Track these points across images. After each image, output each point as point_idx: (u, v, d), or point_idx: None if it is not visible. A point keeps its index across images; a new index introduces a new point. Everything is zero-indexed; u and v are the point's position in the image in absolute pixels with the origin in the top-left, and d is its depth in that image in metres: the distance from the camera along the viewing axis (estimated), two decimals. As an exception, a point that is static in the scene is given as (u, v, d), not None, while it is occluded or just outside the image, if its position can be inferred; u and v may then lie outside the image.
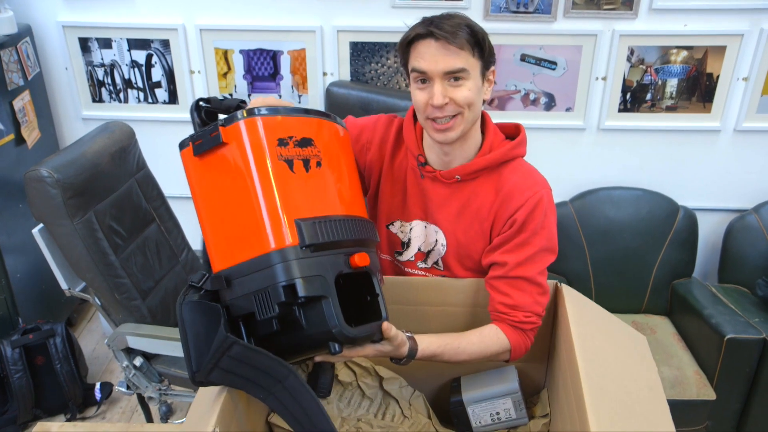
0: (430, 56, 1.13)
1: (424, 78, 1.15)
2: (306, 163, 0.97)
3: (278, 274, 0.88)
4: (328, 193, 1.01)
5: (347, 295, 0.95)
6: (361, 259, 0.97)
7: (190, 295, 0.95)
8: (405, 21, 1.20)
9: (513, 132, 1.32)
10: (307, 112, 1.02)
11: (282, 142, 0.95)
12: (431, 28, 1.12)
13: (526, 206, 1.20)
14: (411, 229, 1.33)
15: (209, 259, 0.99)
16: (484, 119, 1.30)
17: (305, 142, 0.98)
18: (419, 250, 1.33)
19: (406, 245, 1.34)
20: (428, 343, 1.13)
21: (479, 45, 1.15)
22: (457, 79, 1.14)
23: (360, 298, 1.03)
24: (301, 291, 0.88)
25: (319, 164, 0.99)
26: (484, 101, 1.23)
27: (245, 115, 0.94)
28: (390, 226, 1.35)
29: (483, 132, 1.29)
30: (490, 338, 1.18)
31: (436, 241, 1.31)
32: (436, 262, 1.32)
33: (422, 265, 1.34)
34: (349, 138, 1.13)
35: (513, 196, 1.22)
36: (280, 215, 0.91)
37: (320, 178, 0.99)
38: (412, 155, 1.30)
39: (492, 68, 1.21)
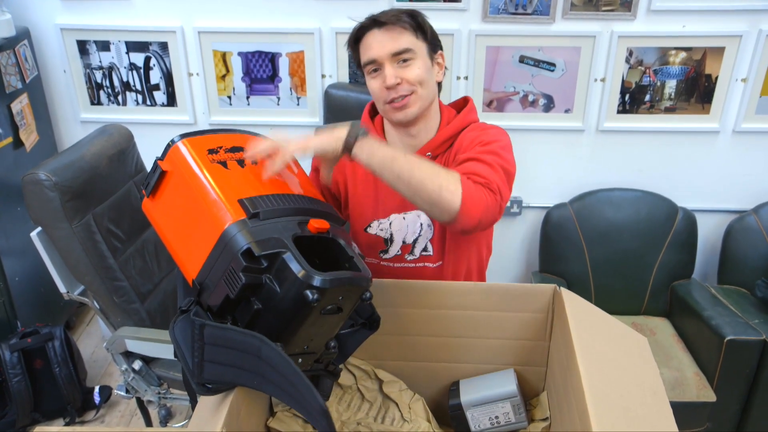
0: (376, 44, 1.22)
1: (376, 67, 1.24)
2: (240, 162, 1.06)
3: (234, 246, 0.92)
4: (269, 179, 1.07)
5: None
6: (318, 223, 1.00)
7: (180, 318, 0.97)
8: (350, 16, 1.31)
9: (462, 104, 1.39)
10: (231, 130, 1.14)
11: (212, 151, 1.05)
12: (374, 19, 1.22)
13: (474, 135, 1.28)
14: (390, 224, 1.35)
15: (185, 277, 1.03)
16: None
17: (235, 149, 1.08)
18: (404, 242, 1.35)
19: (389, 242, 1.36)
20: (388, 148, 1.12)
21: (421, 28, 1.24)
22: (405, 60, 1.22)
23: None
24: (257, 251, 0.90)
25: (254, 162, 1.07)
26: (439, 85, 1.32)
27: (172, 143, 1.06)
28: (368, 229, 1.37)
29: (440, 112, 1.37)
30: (443, 169, 1.12)
31: (421, 225, 1.33)
32: (425, 248, 1.35)
33: (410, 258, 1.36)
34: None
35: (464, 139, 1.29)
36: (223, 200, 0.97)
37: (258, 171, 1.07)
38: None
39: (440, 52, 1.30)
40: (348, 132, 1.08)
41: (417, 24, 1.23)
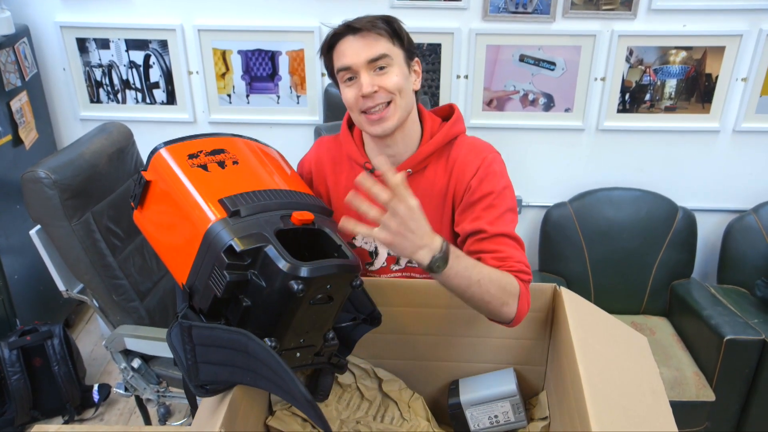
0: (351, 51, 1.17)
1: (351, 75, 1.18)
2: (221, 163, 1.06)
3: (216, 244, 0.92)
4: (251, 177, 1.07)
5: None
6: (302, 215, 1.00)
7: (175, 325, 0.97)
8: (323, 22, 1.25)
9: (447, 113, 1.34)
10: (213, 134, 1.14)
11: (192, 156, 1.06)
12: (348, 25, 1.17)
13: (479, 172, 1.23)
14: None
15: (177, 283, 1.03)
16: (419, 110, 1.32)
17: (216, 152, 1.08)
18: (389, 254, 1.33)
19: (374, 254, 1.34)
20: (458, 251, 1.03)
21: (398, 35, 1.19)
22: (382, 67, 1.17)
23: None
24: (239, 247, 0.90)
25: (235, 162, 1.07)
26: (416, 93, 1.27)
27: (154, 152, 1.08)
28: (353, 241, 1.35)
29: (421, 122, 1.31)
30: (505, 275, 1.11)
31: None
32: (410, 260, 1.33)
33: (396, 268, 1.35)
34: (266, 148, 1.21)
35: (464, 168, 1.24)
36: (204, 202, 0.98)
37: (239, 171, 1.07)
38: (358, 165, 1.31)
39: (416, 59, 1.25)
40: (430, 259, 0.98)
41: (393, 30, 1.18)
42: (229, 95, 2.51)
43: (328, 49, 1.21)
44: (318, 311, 0.97)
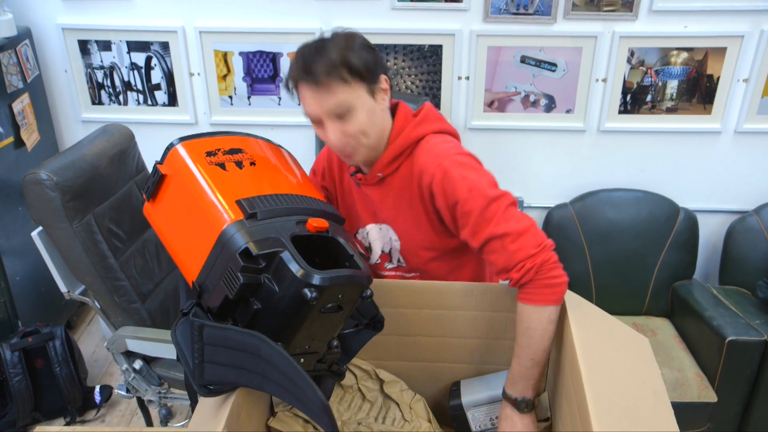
0: (311, 101, 1.16)
1: (317, 120, 1.18)
2: (239, 163, 1.06)
3: (232, 246, 0.91)
4: (267, 180, 1.07)
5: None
6: (317, 222, 1.00)
7: (181, 321, 0.97)
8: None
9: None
10: (230, 132, 1.15)
11: (210, 153, 1.06)
12: (303, 73, 1.13)
13: (435, 180, 1.19)
14: (368, 233, 1.37)
15: (186, 279, 1.03)
16: (395, 109, 1.29)
17: (234, 151, 1.08)
18: (382, 251, 1.36)
19: (369, 249, 1.38)
20: (518, 379, 1.14)
21: (355, 71, 1.13)
22: (344, 116, 1.16)
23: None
24: (255, 250, 0.90)
25: (252, 164, 1.07)
26: (393, 105, 1.27)
27: (171, 147, 1.07)
28: (356, 235, 1.40)
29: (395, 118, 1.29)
30: (530, 320, 1.12)
31: (390, 238, 1.34)
32: (399, 259, 1.36)
33: (390, 266, 1.37)
34: (281, 150, 1.22)
35: (422, 172, 1.22)
36: (221, 201, 0.97)
37: (256, 172, 1.07)
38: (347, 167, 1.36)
39: (382, 77, 1.20)
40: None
41: (349, 68, 1.12)
42: (230, 97, 2.52)
43: (293, 84, 1.19)
44: (327, 319, 0.97)
